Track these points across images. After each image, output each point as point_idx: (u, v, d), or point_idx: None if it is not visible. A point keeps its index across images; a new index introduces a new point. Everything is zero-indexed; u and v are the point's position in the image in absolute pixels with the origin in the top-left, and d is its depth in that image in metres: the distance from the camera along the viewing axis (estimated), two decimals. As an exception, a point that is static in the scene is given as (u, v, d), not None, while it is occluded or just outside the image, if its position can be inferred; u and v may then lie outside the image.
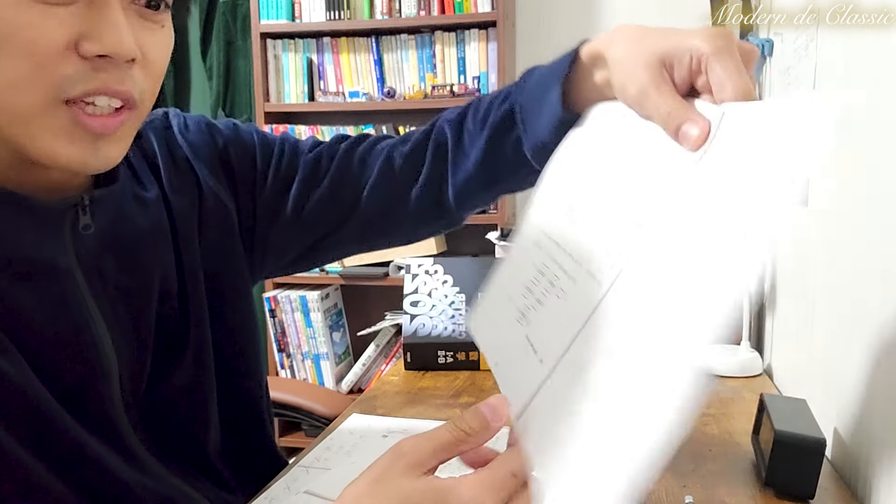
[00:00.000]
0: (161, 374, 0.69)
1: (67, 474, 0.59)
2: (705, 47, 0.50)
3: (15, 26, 0.49)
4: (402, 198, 0.78)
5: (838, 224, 0.88)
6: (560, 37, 2.36)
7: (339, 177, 0.78)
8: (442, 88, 2.26)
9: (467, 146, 0.74)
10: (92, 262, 0.62)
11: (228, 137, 0.77)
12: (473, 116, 0.75)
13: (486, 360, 0.64)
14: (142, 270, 0.67)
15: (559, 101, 0.64)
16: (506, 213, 2.23)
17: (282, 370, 2.45)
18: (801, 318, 1.03)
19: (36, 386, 0.57)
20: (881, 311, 0.74)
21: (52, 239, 0.59)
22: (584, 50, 0.64)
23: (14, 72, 0.50)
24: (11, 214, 0.57)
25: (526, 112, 0.69)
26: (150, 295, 0.68)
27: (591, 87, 0.63)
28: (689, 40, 0.52)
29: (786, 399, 0.86)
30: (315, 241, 0.81)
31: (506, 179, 0.75)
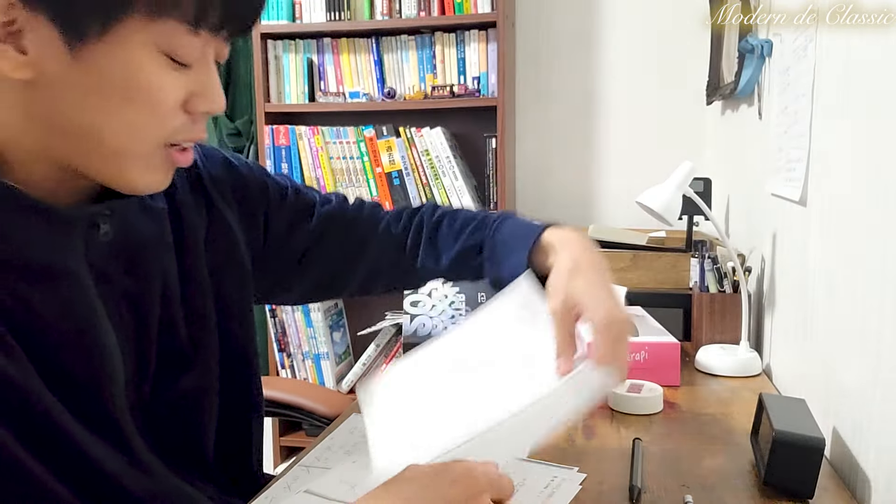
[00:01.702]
0: (166, 378, 0.71)
1: (69, 476, 0.60)
2: (600, 327, 0.70)
3: (150, 85, 0.58)
4: (394, 263, 0.93)
5: (838, 224, 0.88)
6: (560, 37, 2.36)
7: (347, 236, 0.91)
8: (442, 89, 2.26)
9: (440, 248, 0.90)
10: (101, 267, 0.65)
11: (243, 174, 0.84)
12: (449, 226, 0.91)
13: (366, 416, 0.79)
14: (145, 276, 0.70)
15: (524, 264, 0.81)
16: (506, 214, 2.23)
17: (282, 370, 2.45)
18: (800, 319, 1.03)
19: (39, 388, 0.58)
20: (880, 311, 0.74)
21: (69, 245, 0.62)
22: (545, 236, 0.82)
23: (136, 120, 0.58)
24: (35, 221, 0.60)
25: (492, 257, 0.87)
26: (153, 300, 0.70)
27: (542, 260, 0.81)
28: (595, 313, 0.71)
29: (785, 399, 0.86)
30: (319, 283, 0.92)
31: (468, 279, 0.92)
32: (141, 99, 0.58)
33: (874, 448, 0.75)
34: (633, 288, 1.33)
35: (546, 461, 0.82)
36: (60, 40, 0.55)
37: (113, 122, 0.58)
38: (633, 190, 1.27)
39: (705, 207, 1.20)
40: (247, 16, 0.62)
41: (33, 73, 0.56)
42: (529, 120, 2.41)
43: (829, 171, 0.92)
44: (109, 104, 0.58)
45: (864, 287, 0.78)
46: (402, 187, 2.29)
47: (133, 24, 0.56)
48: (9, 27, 0.54)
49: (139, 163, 0.61)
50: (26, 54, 0.55)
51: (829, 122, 0.91)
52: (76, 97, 0.57)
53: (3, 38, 0.55)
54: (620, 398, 1.00)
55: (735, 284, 1.25)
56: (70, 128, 0.59)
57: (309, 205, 0.90)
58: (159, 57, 0.58)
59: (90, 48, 0.56)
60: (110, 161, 0.60)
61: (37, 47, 0.55)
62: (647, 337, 1.12)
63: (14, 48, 0.55)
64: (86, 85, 0.57)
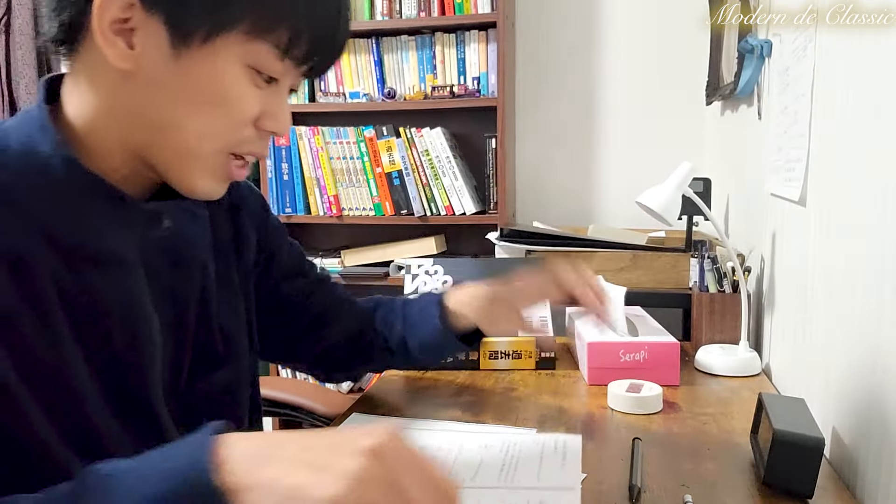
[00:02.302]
0: (200, 372, 0.76)
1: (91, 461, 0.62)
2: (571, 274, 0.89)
3: (233, 95, 0.64)
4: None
5: (837, 224, 0.88)
6: (560, 37, 2.36)
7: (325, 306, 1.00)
8: (442, 89, 2.26)
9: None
10: (150, 259, 0.70)
11: (273, 221, 0.93)
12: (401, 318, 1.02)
13: None
14: (188, 273, 0.75)
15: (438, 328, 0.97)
16: (506, 214, 2.24)
17: (283, 369, 2.45)
18: (799, 318, 1.03)
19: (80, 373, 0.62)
20: (879, 311, 0.74)
21: (132, 235, 0.68)
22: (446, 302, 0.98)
23: (213, 126, 0.64)
24: (110, 210, 0.65)
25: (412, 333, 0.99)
26: (192, 296, 0.75)
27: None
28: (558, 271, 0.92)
29: (784, 398, 0.86)
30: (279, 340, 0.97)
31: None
32: (223, 105, 0.64)
33: (874, 448, 0.75)
34: (632, 288, 1.33)
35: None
36: (167, 42, 0.61)
37: (193, 122, 0.64)
38: (632, 190, 1.28)
39: (705, 207, 1.20)
40: (326, 57, 0.69)
41: (134, 66, 0.61)
42: (529, 120, 2.41)
43: (828, 172, 0.92)
44: (194, 105, 0.63)
45: (864, 287, 0.78)
46: (402, 187, 2.29)
47: (233, 39, 0.62)
48: (124, 23, 0.60)
49: (205, 166, 0.66)
50: (133, 49, 0.61)
51: (829, 122, 0.92)
52: (166, 94, 0.62)
53: (116, 32, 0.60)
54: (620, 398, 1.00)
55: (734, 284, 1.25)
56: (152, 121, 0.64)
57: (306, 267, 1.00)
58: (246, 71, 0.64)
59: (191, 53, 0.61)
60: (181, 159, 0.65)
61: (144, 44, 0.61)
62: (647, 337, 1.12)
63: (124, 41, 0.61)
64: (178, 85, 0.62)
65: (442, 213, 2.27)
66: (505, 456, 0.83)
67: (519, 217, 2.44)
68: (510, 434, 0.90)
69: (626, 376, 1.06)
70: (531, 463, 0.81)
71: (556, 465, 0.80)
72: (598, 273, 1.39)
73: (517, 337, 1.19)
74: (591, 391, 1.08)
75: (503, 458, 0.82)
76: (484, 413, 0.99)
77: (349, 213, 2.35)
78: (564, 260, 1.53)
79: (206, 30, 0.61)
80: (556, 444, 0.86)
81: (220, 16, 0.61)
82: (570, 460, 0.82)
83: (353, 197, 2.35)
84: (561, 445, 0.86)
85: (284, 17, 0.62)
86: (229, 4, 0.61)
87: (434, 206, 2.27)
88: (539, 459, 0.82)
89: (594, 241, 1.57)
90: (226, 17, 0.61)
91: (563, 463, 0.81)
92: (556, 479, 0.76)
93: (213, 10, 0.61)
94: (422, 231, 2.37)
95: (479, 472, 0.79)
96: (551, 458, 0.82)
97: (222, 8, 0.61)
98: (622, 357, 1.09)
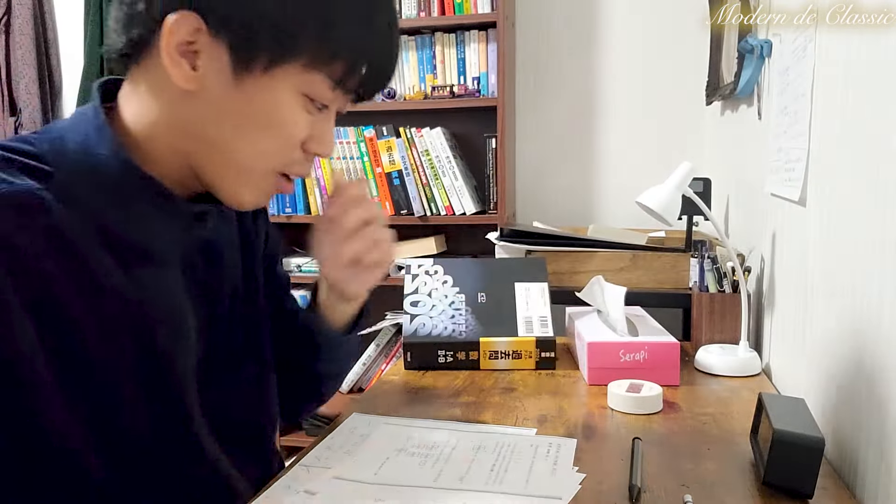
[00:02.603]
0: (230, 366, 0.80)
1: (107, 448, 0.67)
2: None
3: (286, 120, 0.67)
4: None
5: (837, 224, 0.88)
6: (560, 37, 2.36)
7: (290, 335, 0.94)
8: (442, 89, 2.26)
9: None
10: (189, 257, 0.75)
11: (272, 229, 0.94)
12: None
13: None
14: (221, 272, 0.80)
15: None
16: (505, 214, 2.24)
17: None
18: (799, 318, 1.03)
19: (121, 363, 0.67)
20: (879, 311, 0.74)
21: (176, 234, 0.72)
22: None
23: (265, 147, 0.68)
24: (163, 210, 0.70)
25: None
26: (224, 293, 0.80)
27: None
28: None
29: (784, 398, 0.86)
30: None
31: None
32: (276, 129, 0.67)
33: (874, 448, 0.75)
34: (632, 288, 1.33)
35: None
36: (229, 67, 0.64)
37: (246, 144, 0.67)
38: (632, 190, 1.28)
39: (705, 207, 1.20)
40: (377, 86, 0.72)
41: (196, 86, 0.65)
42: (529, 120, 2.41)
43: (828, 172, 0.92)
44: (249, 128, 0.67)
45: (863, 286, 0.78)
46: (403, 187, 2.29)
47: (292, 69, 0.65)
48: (189, 45, 0.64)
49: (253, 182, 0.70)
50: (196, 71, 0.64)
51: (829, 122, 0.92)
52: (223, 115, 0.66)
53: (182, 54, 0.64)
54: (620, 398, 1.00)
55: (734, 284, 1.25)
56: (206, 138, 0.68)
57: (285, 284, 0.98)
58: (300, 98, 0.67)
59: (251, 79, 0.65)
60: (231, 174, 0.70)
61: (207, 67, 0.64)
62: (647, 337, 1.12)
63: (188, 63, 0.64)
64: (235, 108, 0.66)
65: (442, 213, 2.27)
66: (497, 458, 0.82)
67: (519, 217, 2.44)
68: (507, 435, 0.90)
69: (626, 376, 1.06)
70: (522, 467, 0.80)
71: (547, 471, 0.79)
72: (599, 273, 1.39)
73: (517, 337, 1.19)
74: (591, 391, 1.08)
75: (494, 460, 0.81)
76: (484, 413, 0.99)
77: (349, 213, 2.35)
78: (564, 260, 1.54)
79: (268, 60, 0.64)
80: (550, 449, 0.85)
81: (282, 48, 0.64)
82: (562, 466, 0.80)
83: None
84: (554, 450, 0.84)
85: (343, 51, 0.66)
86: (293, 38, 0.64)
87: (434, 206, 2.27)
88: (530, 464, 0.81)
89: (594, 241, 1.57)
90: (288, 49, 0.64)
91: (555, 469, 0.80)
92: (544, 487, 0.75)
93: (276, 43, 0.64)
94: (422, 231, 2.37)
95: (468, 473, 0.78)
96: (542, 463, 0.81)
97: (286, 41, 0.64)
98: (622, 357, 1.09)
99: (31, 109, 2.64)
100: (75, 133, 0.67)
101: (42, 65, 2.67)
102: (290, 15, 0.63)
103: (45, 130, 0.69)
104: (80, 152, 0.66)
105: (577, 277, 1.50)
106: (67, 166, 0.65)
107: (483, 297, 1.25)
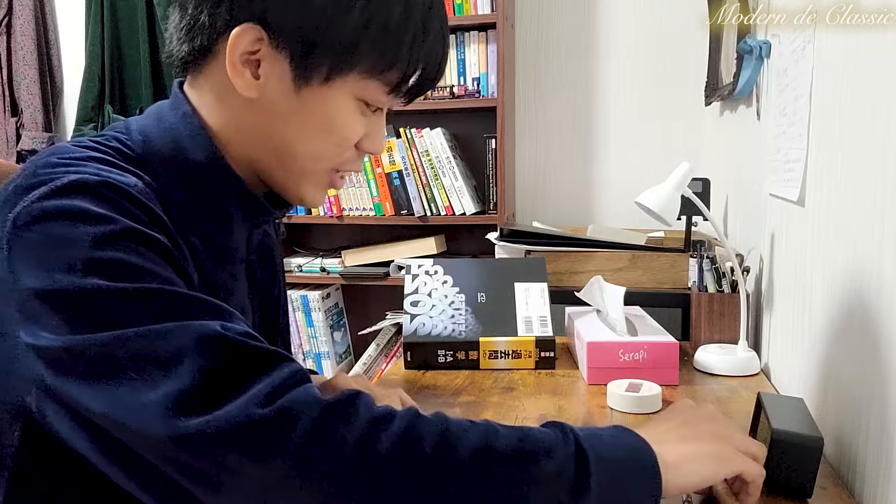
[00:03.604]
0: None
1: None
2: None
3: (344, 124, 0.69)
4: None
5: (836, 224, 0.88)
6: (560, 37, 2.36)
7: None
8: (442, 90, 2.26)
9: None
10: (251, 258, 0.79)
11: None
12: None
13: None
14: (273, 272, 0.85)
15: None
16: (505, 214, 2.24)
17: (282, 370, 2.45)
18: (798, 318, 1.03)
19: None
20: (878, 311, 0.74)
21: (246, 234, 0.76)
22: None
23: (324, 150, 0.70)
24: (243, 210, 0.73)
25: None
26: (272, 292, 0.84)
27: None
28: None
29: (783, 398, 0.86)
30: None
31: None
32: (334, 134, 0.70)
33: (873, 447, 0.75)
34: (631, 288, 1.33)
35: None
36: (290, 78, 0.66)
37: (307, 147, 0.70)
38: (631, 190, 1.28)
39: (704, 208, 1.21)
40: (427, 88, 0.73)
41: (258, 94, 0.67)
42: (529, 120, 2.41)
43: (827, 172, 0.92)
44: (309, 133, 0.69)
45: (862, 286, 0.79)
46: (403, 187, 2.29)
47: (350, 78, 0.67)
48: (251, 55, 0.65)
49: (314, 181, 0.73)
50: (258, 80, 0.66)
51: (828, 122, 0.92)
52: (285, 122, 0.68)
53: (244, 63, 0.66)
54: (619, 397, 1.00)
55: (733, 284, 1.25)
56: (270, 142, 0.70)
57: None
58: (356, 103, 0.69)
59: (311, 90, 0.66)
60: (294, 175, 0.72)
61: (269, 76, 0.66)
62: (646, 336, 1.13)
63: (251, 72, 0.66)
64: (296, 115, 0.68)
65: (442, 214, 2.27)
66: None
67: (519, 217, 2.44)
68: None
69: (625, 376, 1.06)
70: None
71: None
72: (598, 273, 1.39)
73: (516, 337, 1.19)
74: (591, 391, 1.08)
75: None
76: (484, 413, 0.99)
77: (349, 214, 2.35)
78: (564, 260, 1.54)
79: (328, 72, 0.66)
80: None
81: (341, 62, 0.66)
82: None
83: (354, 197, 2.35)
84: None
85: (399, 61, 0.67)
86: (351, 52, 0.65)
87: (434, 206, 2.28)
88: None
89: (593, 241, 1.58)
90: (346, 62, 0.66)
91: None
92: None
93: (335, 56, 0.65)
94: (422, 231, 2.38)
95: None
96: None
97: (345, 54, 0.65)
98: (621, 357, 1.10)
99: (33, 110, 2.64)
100: (164, 136, 0.69)
101: (43, 65, 2.67)
102: (349, 30, 0.65)
103: (125, 131, 0.70)
104: (174, 157, 0.68)
105: (577, 277, 1.51)
106: (162, 170, 0.67)
107: (483, 297, 1.26)
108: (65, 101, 2.76)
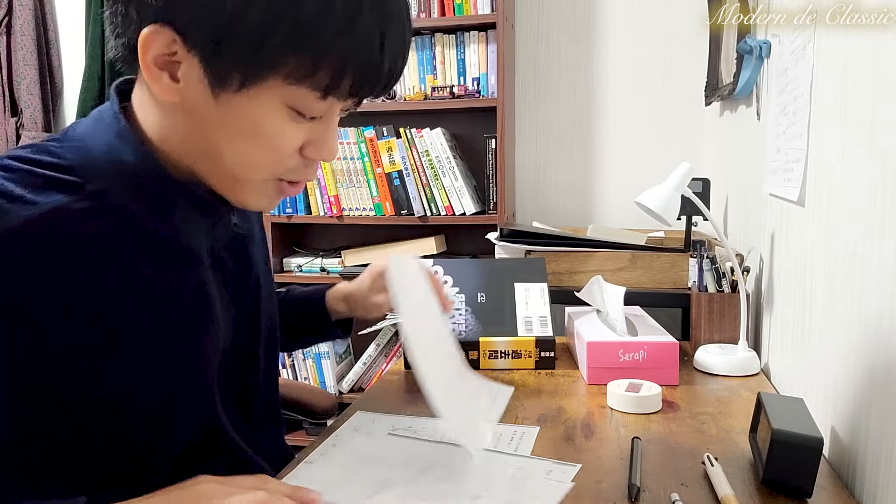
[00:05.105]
0: (250, 355, 0.84)
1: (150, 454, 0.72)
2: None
3: (274, 132, 0.65)
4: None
5: (835, 224, 0.88)
6: (560, 37, 2.36)
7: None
8: (442, 90, 2.26)
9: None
10: (218, 254, 0.77)
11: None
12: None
13: None
14: (249, 265, 0.83)
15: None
16: (505, 214, 2.24)
17: (283, 369, 2.45)
18: (798, 318, 1.03)
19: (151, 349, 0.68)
20: (878, 310, 0.74)
21: (205, 232, 0.75)
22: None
23: (258, 159, 0.67)
24: (187, 210, 0.71)
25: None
26: (249, 285, 0.83)
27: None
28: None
29: (783, 398, 0.86)
30: None
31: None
32: (262, 142, 0.66)
33: (872, 447, 0.75)
34: (631, 287, 1.34)
35: (545, 458, 0.83)
36: (206, 83, 0.63)
37: (235, 154, 0.67)
38: (631, 190, 1.28)
39: (704, 208, 1.21)
40: (375, 86, 0.67)
41: (180, 98, 0.64)
42: (529, 120, 2.41)
43: (827, 172, 0.92)
44: (235, 140, 0.66)
45: (862, 286, 0.79)
46: (403, 187, 2.29)
47: (272, 83, 0.63)
48: (170, 57, 0.63)
49: (252, 188, 0.70)
50: (178, 83, 0.64)
51: (828, 122, 0.92)
52: (210, 127, 0.65)
53: (161, 66, 0.63)
54: (619, 397, 1.00)
55: (733, 284, 1.25)
56: (200, 146, 0.68)
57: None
58: (286, 110, 0.65)
59: (230, 96, 0.63)
60: (227, 181, 0.70)
61: (188, 80, 0.63)
62: (646, 336, 1.13)
63: (169, 75, 0.63)
64: (219, 120, 0.65)
65: (442, 213, 2.27)
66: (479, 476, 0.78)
67: (518, 217, 2.44)
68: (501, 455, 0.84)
69: (625, 376, 1.06)
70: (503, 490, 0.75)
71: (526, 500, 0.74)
72: (598, 273, 1.39)
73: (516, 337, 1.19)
74: (591, 391, 1.09)
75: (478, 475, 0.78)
76: (484, 412, 0.99)
77: (349, 214, 2.35)
78: (564, 260, 1.54)
79: (240, 78, 0.62)
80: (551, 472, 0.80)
81: (254, 64, 0.61)
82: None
83: (354, 197, 2.35)
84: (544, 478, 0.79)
85: (323, 61, 0.62)
86: (260, 50, 0.61)
87: (434, 206, 2.28)
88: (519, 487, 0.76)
89: (593, 241, 1.58)
90: (261, 65, 0.61)
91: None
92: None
93: (246, 55, 0.61)
94: (422, 231, 2.38)
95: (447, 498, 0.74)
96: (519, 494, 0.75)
97: (255, 53, 0.61)
98: (621, 357, 1.10)
99: (33, 110, 2.64)
100: (97, 139, 0.68)
101: (43, 65, 2.67)
102: (254, 25, 0.60)
103: (63, 137, 0.69)
104: (108, 160, 0.67)
105: (577, 277, 1.51)
106: (97, 175, 0.66)
107: (483, 297, 1.26)
108: (65, 102, 2.76)
